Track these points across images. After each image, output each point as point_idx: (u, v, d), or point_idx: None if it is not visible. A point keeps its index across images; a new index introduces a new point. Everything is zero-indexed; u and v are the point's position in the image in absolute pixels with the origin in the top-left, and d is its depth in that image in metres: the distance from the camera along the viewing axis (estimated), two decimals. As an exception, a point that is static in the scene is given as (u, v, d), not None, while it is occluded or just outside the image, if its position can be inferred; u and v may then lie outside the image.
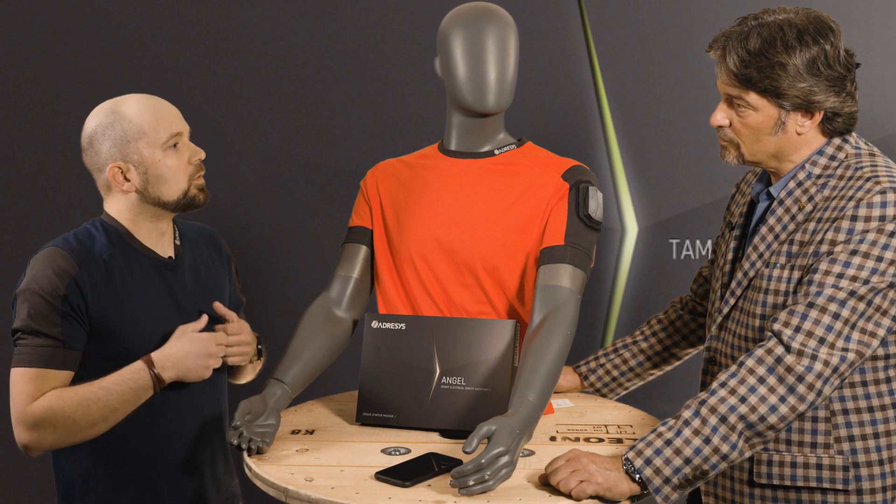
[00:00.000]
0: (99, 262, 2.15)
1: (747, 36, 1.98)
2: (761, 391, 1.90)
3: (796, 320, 1.92)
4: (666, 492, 1.90)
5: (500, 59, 2.23)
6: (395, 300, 2.32)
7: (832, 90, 1.98)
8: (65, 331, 2.11)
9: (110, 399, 2.10)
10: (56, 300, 2.10)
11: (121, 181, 2.17)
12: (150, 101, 2.20)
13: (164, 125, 2.17)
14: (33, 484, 3.41)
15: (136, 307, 2.18)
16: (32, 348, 2.10)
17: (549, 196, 2.25)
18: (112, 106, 2.18)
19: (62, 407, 2.08)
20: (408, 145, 2.59)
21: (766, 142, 2.04)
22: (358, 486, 1.90)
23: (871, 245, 1.93)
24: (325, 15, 3.39)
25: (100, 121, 2.17)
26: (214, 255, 2.38)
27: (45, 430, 2.09)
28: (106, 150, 2.16)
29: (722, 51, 2.02)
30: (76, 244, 2.16)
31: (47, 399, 2.08)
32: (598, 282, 3.38)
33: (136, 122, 2.15)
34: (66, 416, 2.08)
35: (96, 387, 2.10)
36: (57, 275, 2.11)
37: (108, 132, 2.16)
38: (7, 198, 3.42)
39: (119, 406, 2.11)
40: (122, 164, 2.16)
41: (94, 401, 2.09)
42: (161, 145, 2.16)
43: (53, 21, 3.37)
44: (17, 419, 2.10)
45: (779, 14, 2.00)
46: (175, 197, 2.20)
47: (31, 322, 2.10)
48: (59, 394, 2.09)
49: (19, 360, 2.11)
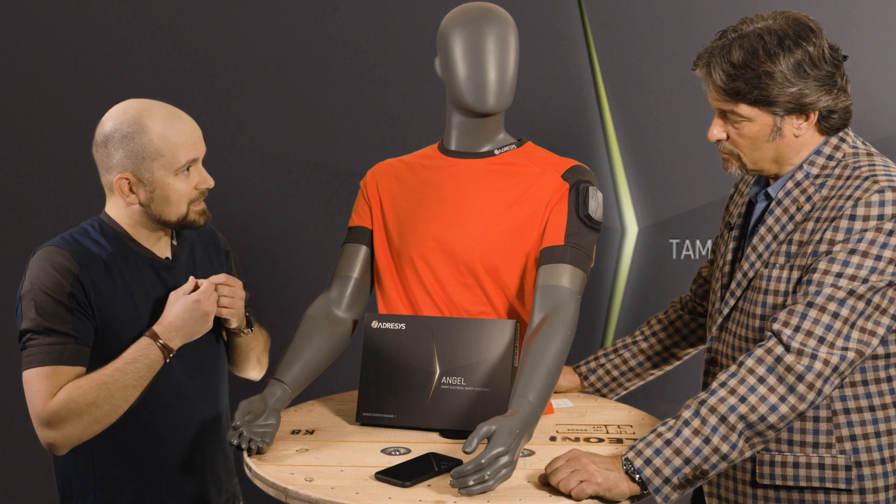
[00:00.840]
0: (98, 261, 2.15)
1: (729, 49, 1.98)
2: (761, 391, 1.89)
3: (796, 320, 1.92)
4: (666, 492, 1.90)
5: (500, 59, 2.23)
6: (395, 300, 2.32)
7: (822, 89, 1.98)
8: (75, 326, 2.09)
9: (127, 378, 2.10)
10: (63, 297, 2.08)
11: (126, 193, 2.15)
12: (175, 119, 2.15)
13: (183, 151, 2.14)
14: (34, 484, 3.41)
15: (135, 308, 2.17)
16: (45, 347, 2.08)
17: (549, 196, 2.24)
18: (138, 115, 2.13)
19: (82, 395, 2.06)
20: (408, 145, 2.59)
21: (766, 149, 2.04)
22: (358, 486, 1.90)
23: (869, 244, 1.93)
24: (325, 15, 3.39)
25: (120, 125, 2.12)
26: (212, 253, 2.38)
27: (69, 423, 2.07)
28: (119, 158, 2.13)
29: (707, 67, 2.01)
30: (75, 244, 2.15)
31: (65, 392, 2.07)
32: (598, 282, 3.38)
33: (156, 142, 2.11)
34: (88, 402, 2.07)
35: (111, 369, 2.09)
36: (59, 273, 2.09)
37: (126, 142, 2.12)
38: (7, 198, 3.42)
39: (136, 383, 2.11)
40: (131, 178, 2.13)
41: (112, 382, 2.08)
42: (175, 170, 2.14)
43: (53, 21, 3.37)
44: (38, 419, 2.08)
45: (757, 22, 2.00)
46: (174, 218, 2.19)
47: (41, 320, 2.08)
48: (76, 384, 2.07)
49: (32, 361, 2.08)
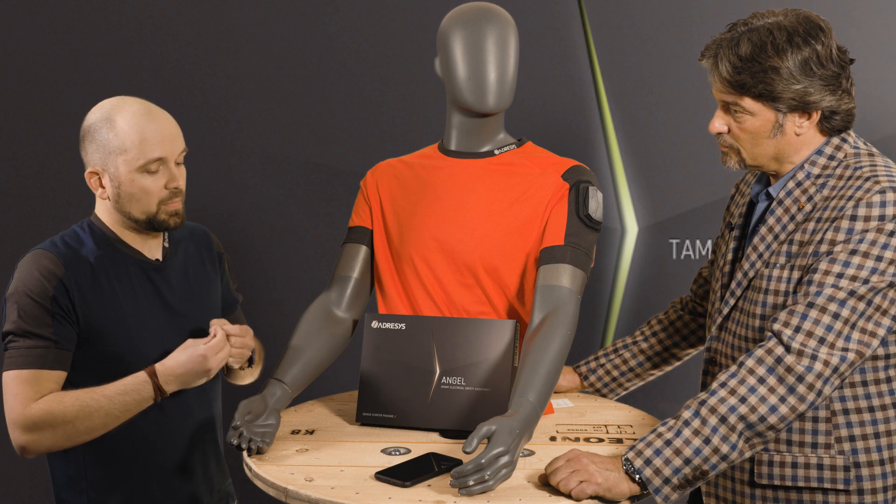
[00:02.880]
0: (85, 264, 2.15)
1: (738, 42, 1.98)
2: (761, 391, 1.89)
3: (796, 320, 1.92)
4: (666, 492, 1.90)
5: (500, 59, 2.23)
6: (395, 300, 2.32)
7: (827, 89, 1.98)
8: (56, 331, 2.10)
9: (112, 407, 2.09)
10: (45, 301, 2.10)
11: (95, 186, 2.17)
12: (145, 116, 2.14)
13: (148, 148, 2.12)
14: (31, 485, 3.41)
15: (123, 309, 2.17)
16: (25, 350, 2.09)
17: (549, 196, 2.24)
18: (110, 110, 2.15)
19: (62, 411, 2.07)
20: (408, 145, 2.58)
21: (766, 145, 2.04)
22: (358, 486, 1.90)
23: (870, 245, 1.93)
24: (325, 15, 3.39)
25: (95, 121, 2.16)
26: (205, 255, 2.37)
27: (43, 433, 2.08)
28: (91, 153, 2.16)
29: (714, 59, 2.02)
30: (63, 247, 2.16)
31: (46, 402, 2.07)
32: (598, 282, 3.37)
33: (121, 136, 2.12)
34: (65, 420, 2.07)
35: (98, 394, 2.09)
36: (44, 276, 2.10)
37: (96, 136, 2.14)
38: (7, 198, 3.42)
39: (120, 415, 2.11)
40: (100, 171, 2.15)
41: (96, 409, 2.08)
42: (138, 168, 2.13)
43: (53, 21, 3.37)
44: (13, 422, 2.10)
45: (768, 18, 2.00)
46: (143, 217, 2.18)
47: (22, 323, 2.09)
48: (59, 398, 2.08)
49: (12, 363, 2.10)
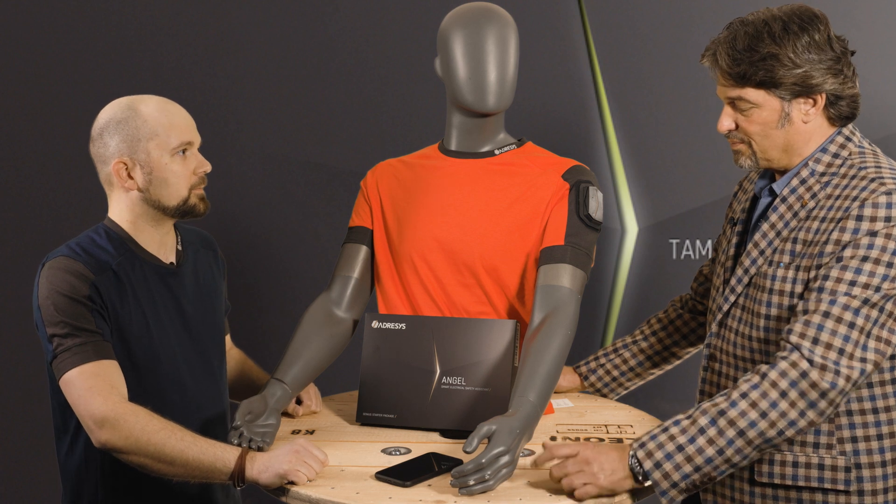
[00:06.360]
0: (109, 270, 2.15)
1: (734, 37, 2.03)
2: (782, 406, 1.89)
3: (813, 331, 1.92)
4: (672, 494, 1.91)
5: (500, 59, 2.23)
6: (396, 300, 2.32)
7: (829, 72, 2.00)
8: (98, 325, 2.09)
9: (186, 455, 1.99)
10: (83, 298, 2.09)
11: (124, 177, 2.16)
12: (168, 104, 2.20)
13: (177, 131, 2.17)
14: (35, 483, 3.41)
15: (145, 315, 2.17)
16: (77, 347, 2.07)
17: (549, 196, 2.24)
18: (130, 102, 2.18)
19: (143, 424, 2.01)
20: (408, 145, 2.59)
21: (775, 136, 2.05)
22: (358, 486, 1.90)
23: (881, 251, 1.93)
24: (325, 15, 3.38)
25: (114, 114, 2.17)
26: (212, 261, 2.38)
27: (118, 430, 2.01)
28: (115, 145, 2.15)
29: (713, 56, 2.06)
30: (83, 254, 2.14)
31: (131, 406, 2.02)
32: (598, 282, 3.37)
33: (150, 122, 2.15)
34: (140, 427, 2.00)
35: (188, 433, 2.02)
36: (76, 278, 2.09)
37: (121, 127, 2.15)
38: (7, 198, 3.42)
39: (189, 461, 2.00)
40: (129, 161, 2.15)
41: (179, 439, 2.00)
42: (170, 150, 2.16)
43: (53, 21, 3.37)
44: (92, 417, 2.02)
45: (763, 13, 2.05)
46: (175, 203, 2.19)
47: (67, 322, 2.07)
48: (148, 414, 2.02)
49: (69, 363, 2.06)
